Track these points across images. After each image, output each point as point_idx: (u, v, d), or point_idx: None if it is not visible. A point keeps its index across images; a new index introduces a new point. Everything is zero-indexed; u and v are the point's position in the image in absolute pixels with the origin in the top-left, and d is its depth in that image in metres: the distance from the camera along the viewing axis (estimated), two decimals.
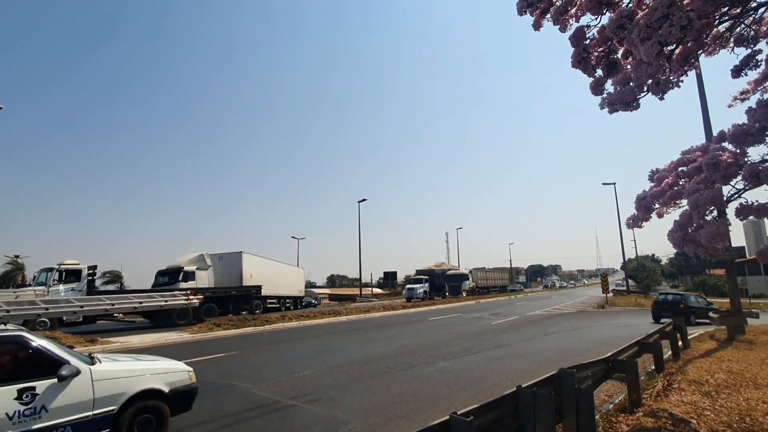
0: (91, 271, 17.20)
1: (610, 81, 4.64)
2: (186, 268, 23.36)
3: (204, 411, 5.76)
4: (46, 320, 13.73)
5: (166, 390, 4.59)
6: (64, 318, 15.11)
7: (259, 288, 24.78)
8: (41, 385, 3.77)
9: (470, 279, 48.47)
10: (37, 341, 4.04)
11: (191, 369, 5.09)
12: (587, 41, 4.49)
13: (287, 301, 32.86)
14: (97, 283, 38.56)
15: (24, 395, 3.66)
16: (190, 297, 18.00)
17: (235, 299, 23.43)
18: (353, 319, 22.05)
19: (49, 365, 3.90)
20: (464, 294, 44.14)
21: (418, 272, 47.42)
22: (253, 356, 10.67)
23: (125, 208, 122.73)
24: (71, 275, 16.44)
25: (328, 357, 10.20)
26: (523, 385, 3.65)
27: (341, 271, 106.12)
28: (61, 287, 15.86)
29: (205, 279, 24.13)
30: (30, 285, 23.64)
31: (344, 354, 10.63)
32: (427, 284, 42.58)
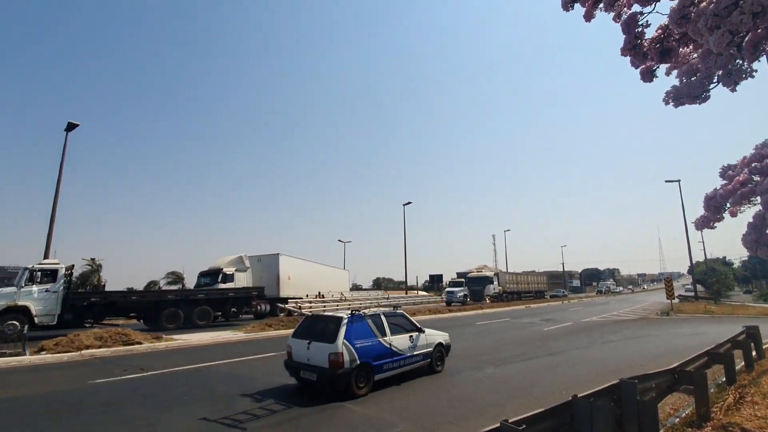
0: (69, 272, 16.15)
1: (663, 68, 4.35)
2: (225, 270, 23.85)
3: (257, 409, 6.03)
4: (16, 323, 13.55)
5: (444, 343, 9.10)
6: (37, 320, 14.40)
7: (261, 290, 23.57)
8: (414, 335, 8.24)
9: (496, 282, 42.55)
10: (409, 316, 8.79)
11: (448, 334, 9.49)
12: (639, 28, 4.24)
13: None
14: (162, 283, 41.25)
15: (410, 338, 8.10)
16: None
17: (234, 301, 21.41)
18: None
19: (414, 326, 8.48)
20: (488, 300, 39.30)
21: (459, 275, 45.81)
22: None
23: (173, 210, 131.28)
24: (46, 276, 15.34)
25: None
26: (579, 395, 3.49)
27: (387, 274, 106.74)
28: (35, 288, 14.90)
29: (243, 280, 24.53)
30: (104, 285, 25.61)
31: None
32: (467, 288, 41.20)
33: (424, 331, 8.54)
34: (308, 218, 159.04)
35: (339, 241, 56.16)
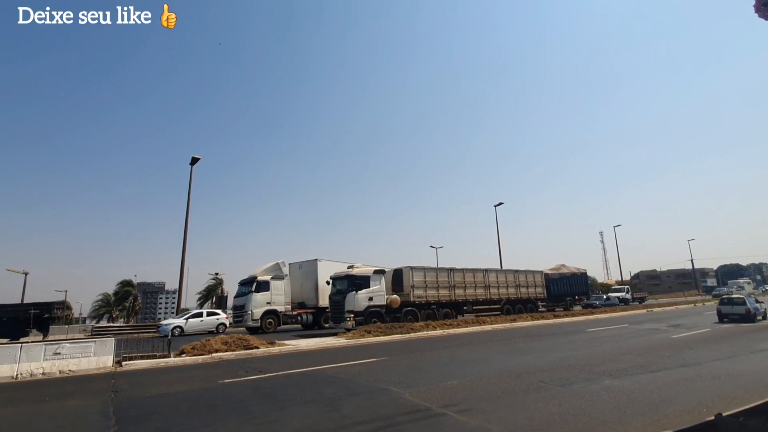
0: None
1: None
2: (259, 278, 22.84)
3: (362, 412, 6.23)
4: None
5: None
6: None
7: (47, 306, 19.21)
8: (760, 304, 21.94)
9: (378, 286, 21.67)
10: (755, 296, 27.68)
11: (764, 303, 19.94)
12: None
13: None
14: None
15: (760, 305, 22.11)
16: None
17: None
18: (499, 328, 21.15)
19: (757, 301, 23.75)
20: (350, 321, 20.11)
21: None
22: (402, 362, 11.12)
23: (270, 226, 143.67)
24: None
25: (475, 367, 9.99)
26: (724, 413, 2.96)
27: None
28: None
29: (281, 288, 23.33)
30: (227, 297, 28.68)
31: (492, 365, 10.26)
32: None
33: (761, 303, 21.60)
34: (402, 226, 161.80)
35: (431, 246, 55.95)
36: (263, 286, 22.91)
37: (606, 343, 13.66)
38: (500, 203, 39.71)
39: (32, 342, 11.43)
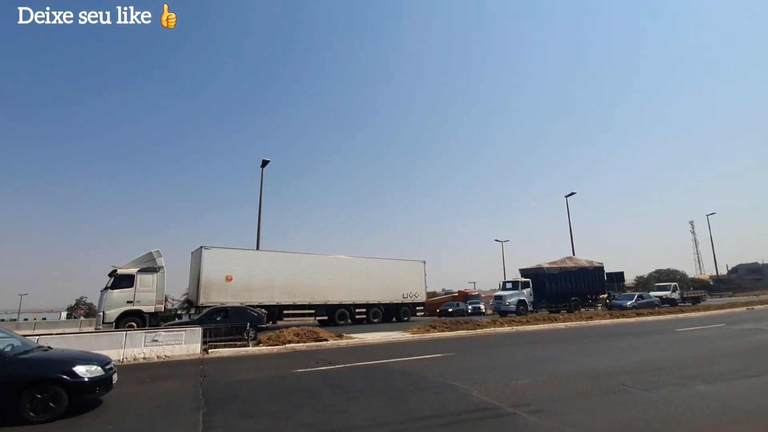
0: None
1: None
2: (120, 271, 18.44)
3: (429, 406, 6.27)
4: None
5: None
6: None
7: None
8: None
9: None
10: None
11: None
12: None
13: (355, 310, 25.24)
14: None
15: None
16: None
17: None
18: (572, 326, 20.01)
19: None
20: None
21: (522, 272, 32.46)
22: (468, 359, 10.99)
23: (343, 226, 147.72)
24: None
25: (547, 366, 9.57)
26: None
27: None
28: None
29: (151, 284, 18.76)
30: None
31: (566, 365, 9.76)
32: (528, 290, 29.47)
33: None
34: (464, 221, 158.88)
35: (496, 240, 54.36)
36: (124, 282, 18.42)
37: (698, 345, 12.36)
38: (572, 193, 37.60)
39: (134, 330, 12.94)
